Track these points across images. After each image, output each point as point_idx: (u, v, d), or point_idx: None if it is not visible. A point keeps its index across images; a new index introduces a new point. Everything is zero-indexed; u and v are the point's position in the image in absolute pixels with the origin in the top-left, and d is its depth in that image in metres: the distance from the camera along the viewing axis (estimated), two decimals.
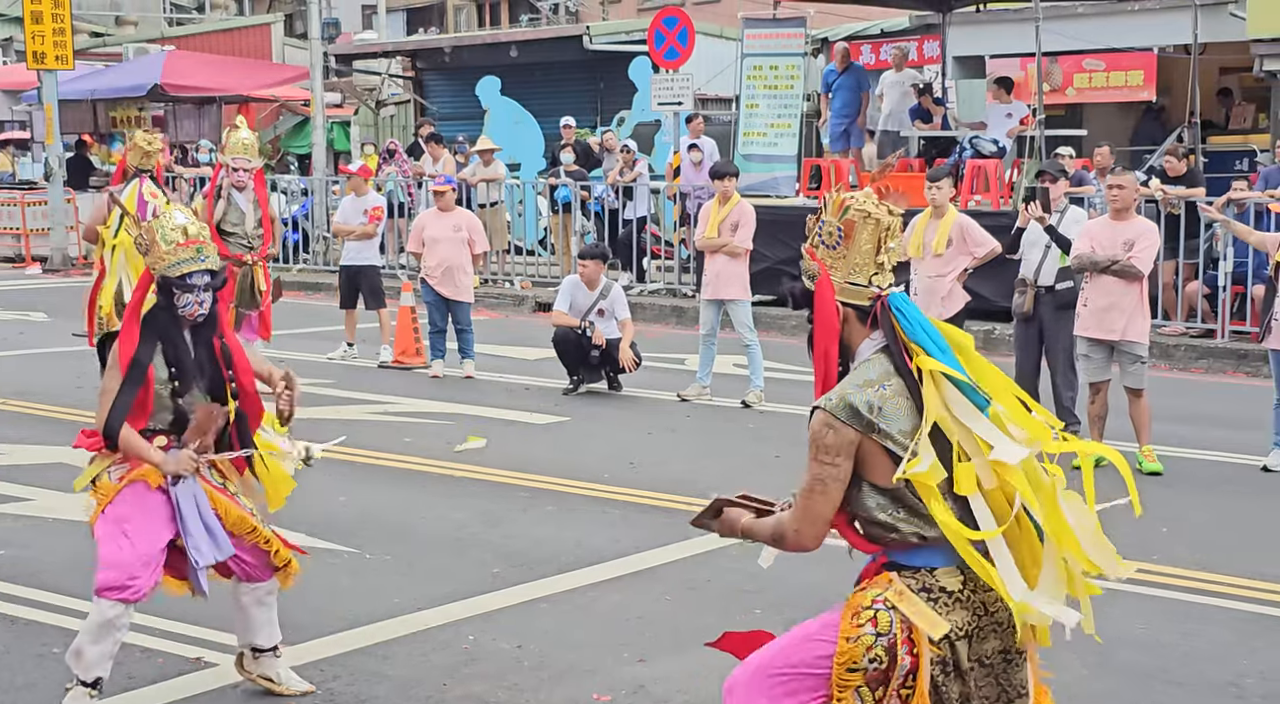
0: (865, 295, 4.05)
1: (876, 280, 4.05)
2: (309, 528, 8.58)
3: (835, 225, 4.05)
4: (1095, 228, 10.68)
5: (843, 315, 4.05)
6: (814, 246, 4.10)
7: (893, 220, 4.07)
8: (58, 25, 22.86)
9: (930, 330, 4.02)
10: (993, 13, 21.25)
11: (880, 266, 4.06)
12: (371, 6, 44.40)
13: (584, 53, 26.69)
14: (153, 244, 5.61)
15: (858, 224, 4.03)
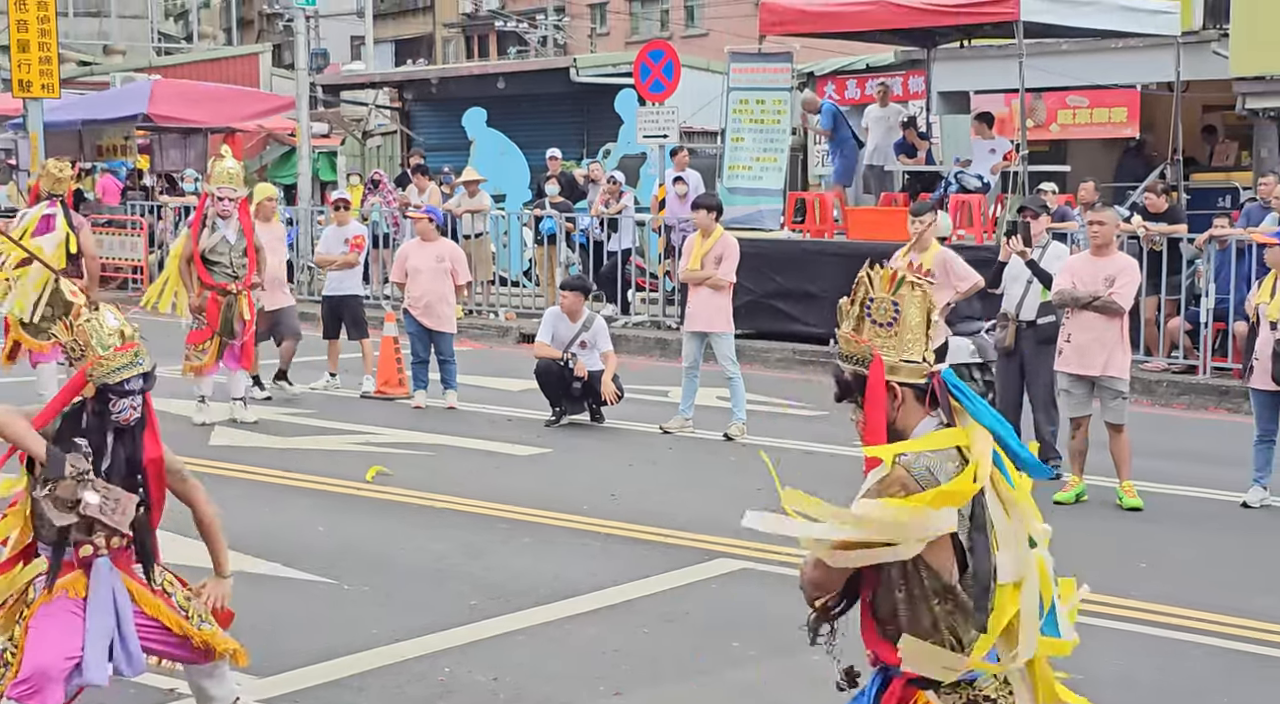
0: (921, 372, 3.81)
1: (927, 356, 3.83)
2: (286, 558, 8.57)
3: (889, 301, 3.80)
4: (1076, 263, 10.72)
5: (900, 397, 3.82)
6: (856, 329, 3.85)
7: (931, 291, 3.88)
8: (44, 54, 22.85)
9: (985, 405, 3.79)
10: (977, 49, 21.35)
11: (930, 341, 3.84)
12: (360, 37, 44.48)
13: (571, 85, 26.77)
14: (88, 348, 5.32)
15: (907, 297, 3.80)
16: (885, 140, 19.78)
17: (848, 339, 3.87)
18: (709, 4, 53.41)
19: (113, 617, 5.41)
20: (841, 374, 3.89)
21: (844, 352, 3.89)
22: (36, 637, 5.27)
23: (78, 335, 5.35)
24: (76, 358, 5.36)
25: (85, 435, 5.37)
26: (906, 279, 3.82)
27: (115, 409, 5.35)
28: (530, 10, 59.62)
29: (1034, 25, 16.91)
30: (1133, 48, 20.12)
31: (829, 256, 17.43)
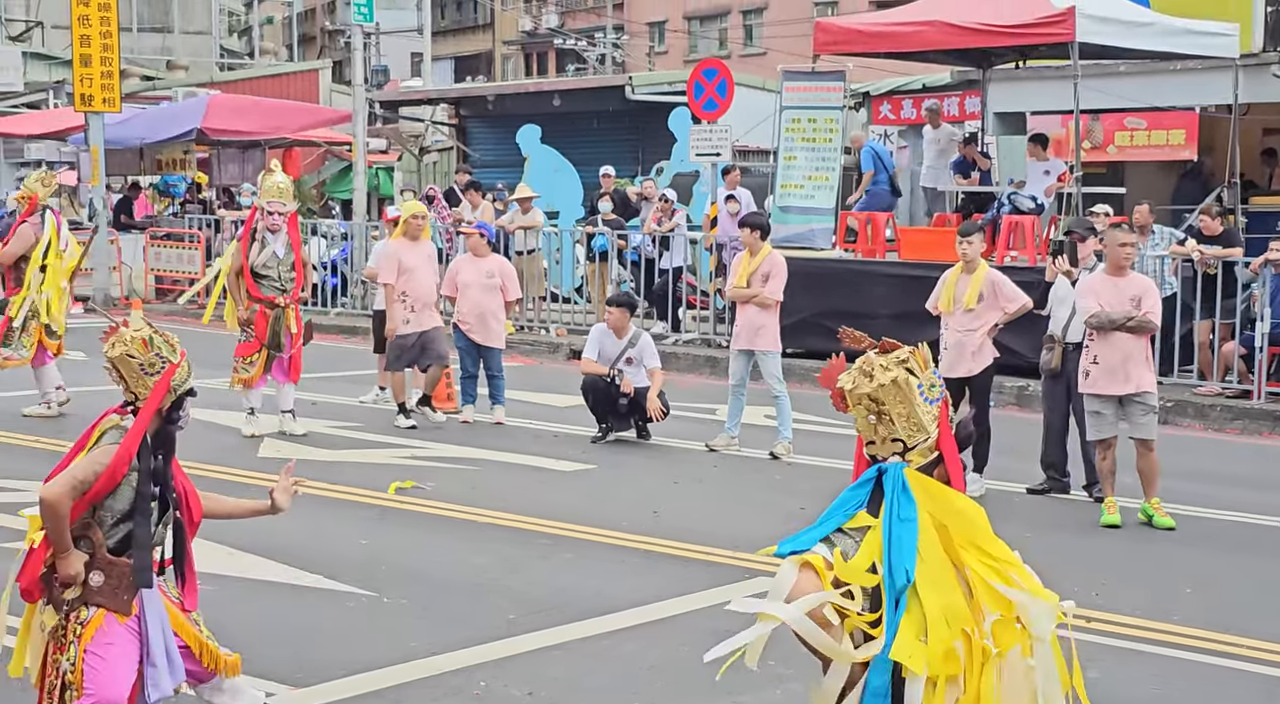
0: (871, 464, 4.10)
1: (869, 449, 4.08)
2: (327, 570, 8.61)
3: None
4: (1098, 285, 10.70)
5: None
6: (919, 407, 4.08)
7: (869, 390, 4.02)
8: (106, 68, 23.14)
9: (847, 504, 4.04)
10: (1033, 69, 21.25)
11: (870, 439, 4.07)
12: (420, 54, 44.77)
13: (625, 103, 26.84)
14: (169, 359, 5.46)
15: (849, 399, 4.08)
16: (938, 162, 19.71)
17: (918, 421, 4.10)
18: (767, 23, 53.47)
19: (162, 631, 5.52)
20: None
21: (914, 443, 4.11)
22: (101, 665, 5.33)
23: (158, 348, 5.46)
24: (155, 372, 5.44)
25: (160, 447, 5.46)
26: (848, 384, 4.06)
27: (179, 417, 5.52)
28: (589, 29, 59.92)
29: (1090, 46, 16.80)
30: (1191, 69, 19.96)
31: (879, 276, 17.38)
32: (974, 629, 3.85)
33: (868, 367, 4.02)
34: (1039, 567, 4.21)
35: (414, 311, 13.66)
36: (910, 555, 3.83)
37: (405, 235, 13.86)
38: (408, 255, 13.72)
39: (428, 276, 13.96)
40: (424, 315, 13.81)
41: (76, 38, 23.22)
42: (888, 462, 3.99)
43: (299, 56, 63.83)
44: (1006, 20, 16.64)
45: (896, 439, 4.00)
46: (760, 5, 55.09)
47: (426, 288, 13.88)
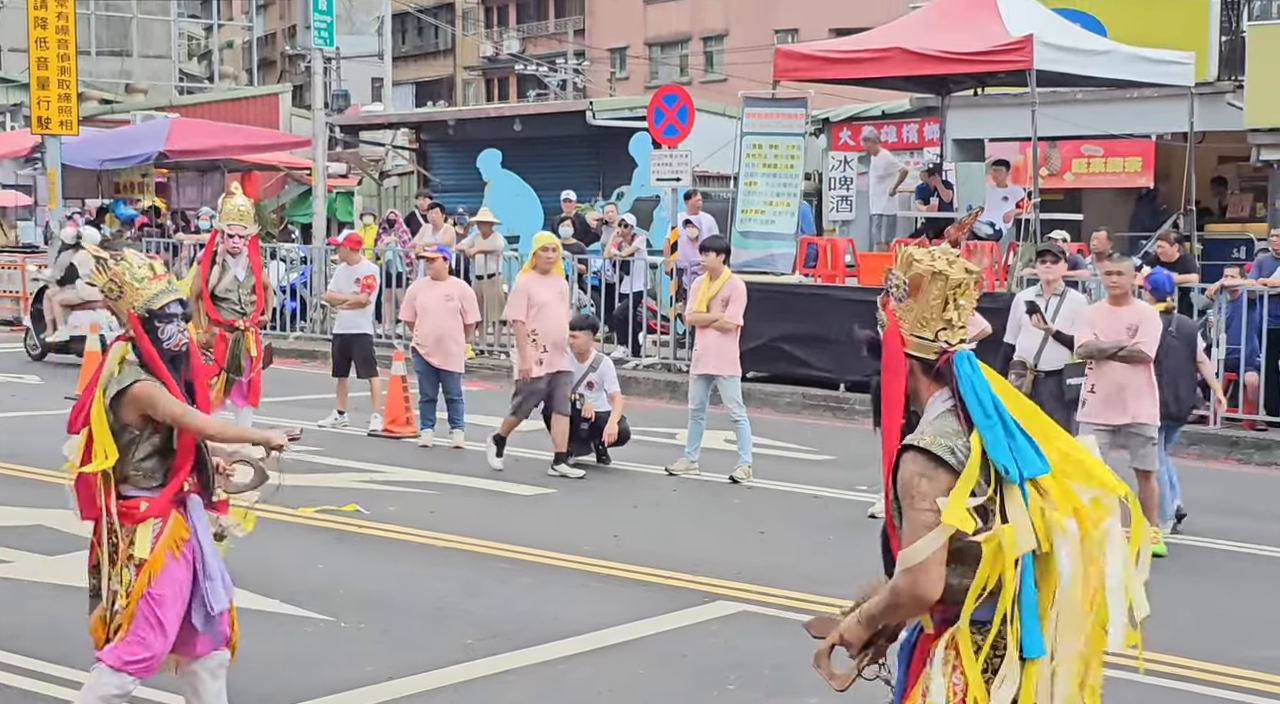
0: (931, 350, 4.04)
1: (944, 336, 4.04)
2: (284, 594, 8.55)
3: (901, 279, 4.07)
4: (1096, 315, 10.73)
5: (909, 367, 4.06)
6: (887, 297, 4.13)
7: (965, 277, 4.06)
8: (63, 91, 23.02)
9: (982, 393, 3.98)
10: (991, 97, 21.40)
11: (949, 323, 4.04)
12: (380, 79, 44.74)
13: (586, 128, 26.88)
14: (125, 285, 5.64)
15: (926, 279, 4.03)
16: (878, 187, 19.93)
17: (879, 304, 4.16)
18: (728, 50, 53.69)
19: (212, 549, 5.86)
20: (871, 337, 4.17)
21: (877, 316, 4.17)
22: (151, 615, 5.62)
23: (114, 277, 5.63)
24: (116, 297, 5.65)
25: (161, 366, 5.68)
26: (924, 264, 4.04)
27: (165, 336, 5.67)
28: (550, 54, 60.00)
29: (1047, 74, 16.93)
30: (1147, 98, 20.15)
31: (839, 301, 17.43)
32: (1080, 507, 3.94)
33: (952, 255, 4.07)
34: None
35: (545, 352, 12.68)
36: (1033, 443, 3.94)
37: (535, 268, 12.89)
38: (539, 290, 12.72)
39: (560, 314, 12.94)
40: (556, 356, 12.79)
41: (34, 60, 23.11)
42: (959, 349, 4.03)
43: (259, 80, 63.68)
44: (965, 48, 16.76)
45: (964, 326, 4.08)
46: (721, 32, 55.33)
47: (559, 326, 12.83)
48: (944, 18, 17.61)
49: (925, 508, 3.87)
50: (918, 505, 3.89)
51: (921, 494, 3.89)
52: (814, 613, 8.42)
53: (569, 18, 64.55)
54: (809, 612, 8.41)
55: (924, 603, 3.93)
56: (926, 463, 3.90)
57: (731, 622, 8.37)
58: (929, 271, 4.03)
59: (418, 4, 65.31)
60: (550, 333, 12.70)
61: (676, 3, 57.23)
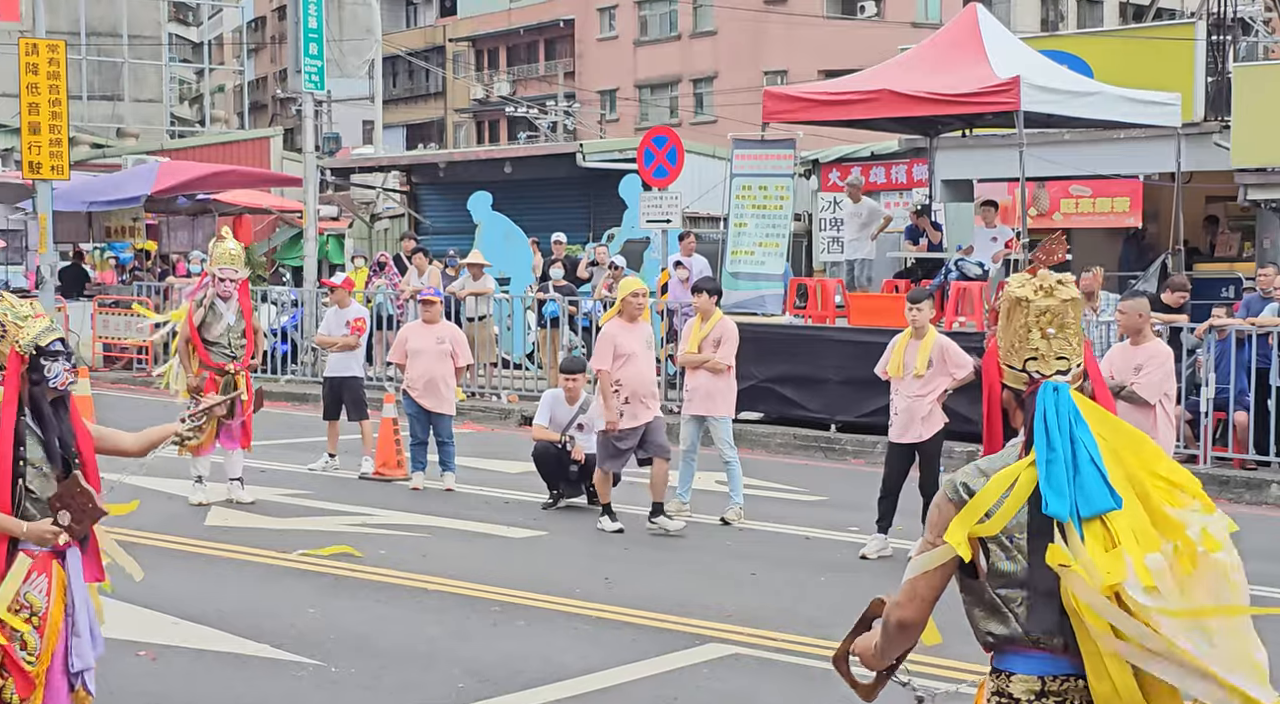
0: (1019, 380, 3.90)
1: (1032, 366, 3.88)
2: (274, 639, 8.53)
3: (999, 306, 3.97)
4: (1114, 353, 10.84)
5: (1005, 397, 3.95)
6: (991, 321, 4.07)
7: (1052, 303, 3.86)
8: (55, 136, 23.06)
9: (1051, 426, 3.79)
10: (980, 138, 21.51)
11: (1037, 352, 3.88)
12: (371, 122, 44.89)
13: (576, 170, 26.96)
14: (7, 325, 5.50)
15: (1011, 308, 3.90)
16: (860, 234, 19.98)
17: (988, 324, 4.05)
18: (717, 92, 53.93)
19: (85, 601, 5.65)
20: (978, 361, 4.12)
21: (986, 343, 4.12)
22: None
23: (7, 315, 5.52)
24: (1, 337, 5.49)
25: (35, 413, 5.51)
26: (1011, 292, 3.92)
27: (50, 375, 5.49)
28: (540, 97, 60.20)
29: (1035, 115, 17.03)
30: (1135, 138, 20.27)
31: (830, 342, 17.47)
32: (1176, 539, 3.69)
33: (1046, 282, 3.89)
34: None
35: (628, 403, 11.98)
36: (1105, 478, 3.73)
37: (622, 316, 12.14)
38: (626, 340, 11.99)
39: (647, 364, 12.25)
40: (642, 408, 12.08)
41: (25, 105, 23.14)
42: (1050, 380, 3.86)
43: (250, 124, 63.89)
44: (953, 89, 16.85)
45: (1063, 357, 3.88)
46: (710, 74, 55.58)
47: (645, 377, 12.18)
48: (931, 60, 17.71)
49: (929, 538, 3.87)
50: (926, 535, 3.89)
51: (929, 525, 3.90)
52: (806, 655, 8.45)
53: (559, 60, 64.81)
54: (801, 654, 8.42)
55: (902, 627, 3.93)
56: (942, 495, 3.88)
57: (723, 664, 8.35)
58: (1011, 300, 3.90)
59: (408, 47, 65.59)
60: (637, 384, 12.02)
61: (666, 45, 57.53)
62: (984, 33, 17.45)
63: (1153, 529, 3.71)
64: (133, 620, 8.73)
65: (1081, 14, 55.32)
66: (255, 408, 13.01)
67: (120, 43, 48.98)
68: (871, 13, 53.50)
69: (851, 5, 54.03)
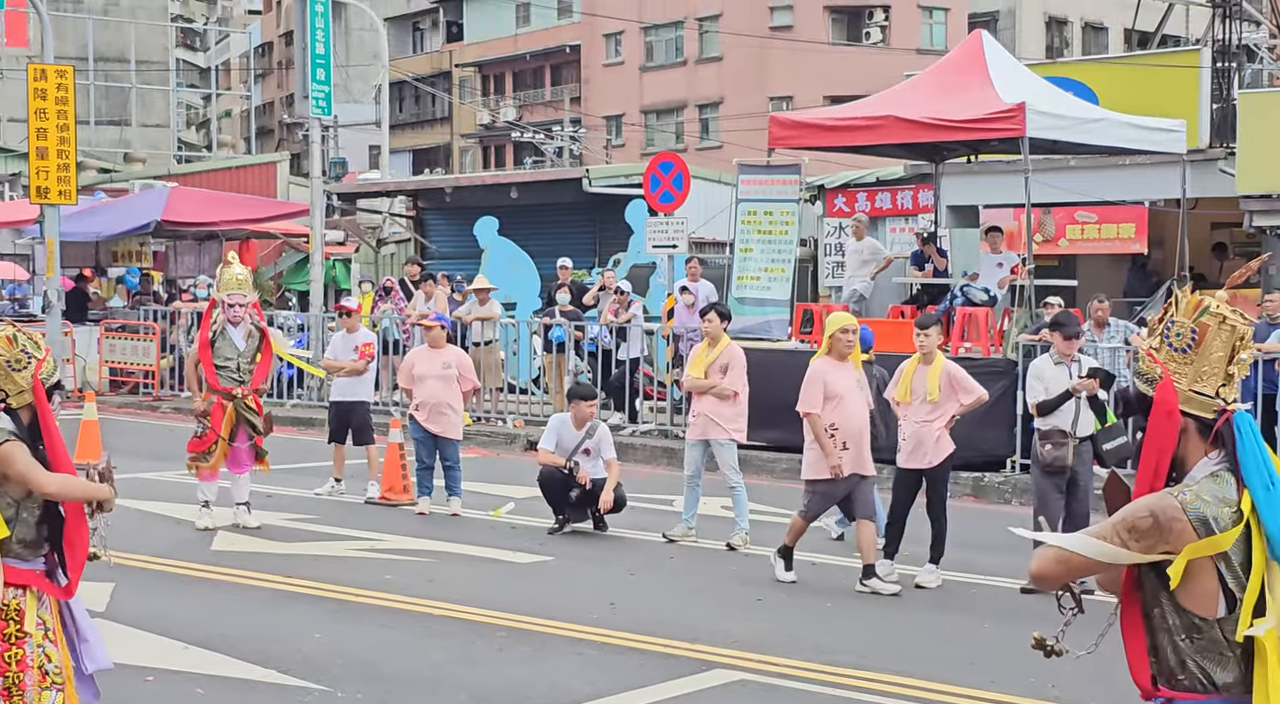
0: (1211, 407, 3.73)
1: (1224, 393, 3.74)
2: (280, 664, 8.52)
3: (1189, 327, 3.76)
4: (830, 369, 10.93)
5: (1182, 425, 3.73)
6: (1157, 349, 3.82)
7: (1248, 330, 3.77)
8: (62, 161, 23.14)
9: (1265, 459, 3.65)
10: (985, 164, 21.54)
11: (1229, 378, 3.75)
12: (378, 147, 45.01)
13: (582, 195, 27.02)
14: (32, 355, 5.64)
15: (1212, 329, 3.74)
16: (860, 272, 20.03)
17: (1145, 356, 3.86)
18: (723, 117, 54.02)
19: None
20: (1128, 391, 3.89)
21: (1139, 368, 3.88)
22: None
23: (23, 345, 5.64)
24: (21, 368, 5.61)
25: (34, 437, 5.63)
26: (1213, 310, 3.77)
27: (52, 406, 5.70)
28: (546, 122, 60.35)
29: (1040, 141, 17.05)
30: (1140, 165, 20.29)
31: None
32: None
33: (1233, 306, 3.80)
34: (997, 655, 4.22)
35: (846, 449, 11.08)
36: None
37: (831, 353, 11.32)
38: (836, 378, 11.17)
39: (860, 407, 11.28)
40: (856, 454, 11.16)
41: (33, 131, 23.24)
42: (1237, 409, 3.73)
43: (256, 149, 64.04)
44: (958, 116, 16.87)
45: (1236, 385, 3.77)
46: (716, 99, 55.69)
47: (859, 419, 11.22)
48: (937, 86, 17.74)
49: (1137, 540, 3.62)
50: (1117, 525, 3.66)
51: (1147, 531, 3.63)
52: (812, 681, 8.43)
53: (565, 85, 64.97)
54: (807, 680, 8.41)
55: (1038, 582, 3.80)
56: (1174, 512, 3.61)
57: (729, 690, 8.34)
58: (1216, 320, 3.75)
59: (415, 73, 65.78)
60: (850, 427, 11.11)
61: (671, 71, 57.65)
62: (989, 59, 17.49)
63: None
64: (138, 645, 8.73)
65: (1086, 41, 55.45)
66: (265, 432, 13.14)
67: (128, 68, 49.21)
68: (876, 39, 53.62)
69: (856, 31, 54.17)
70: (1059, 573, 3.74)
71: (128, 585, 10.04)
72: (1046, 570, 3.75)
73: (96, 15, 50.34)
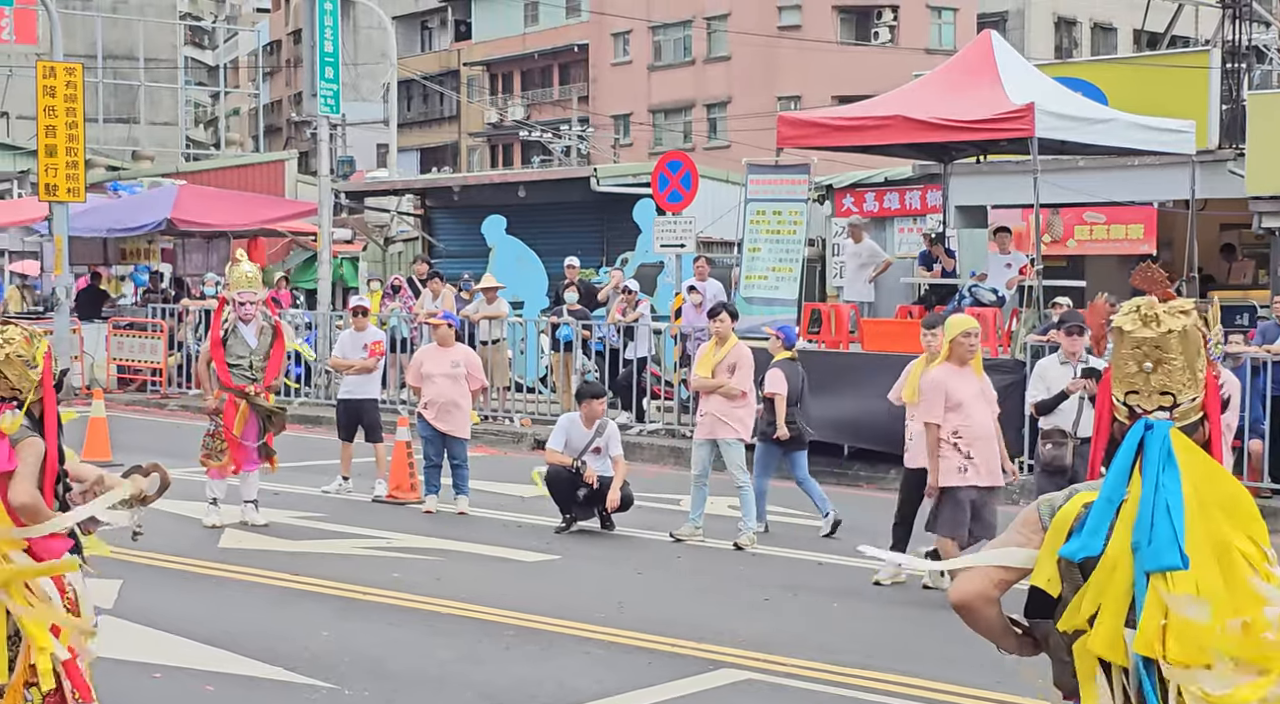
0: (1122, 413, 3.77)
1: (1132, 400, 3.74)
2: (288, 662, 8.52)
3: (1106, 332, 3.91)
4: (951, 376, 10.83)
5: (1113, 428, 3.80)
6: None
7: (1150, 335, 3.72)
8: (71, 158, 23.17)
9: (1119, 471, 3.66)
10: (994, 164, 21.52)
11: (1135, 385, 3.73)
12: (385, 145, 45.03)
13: (590, 194, 27.03)
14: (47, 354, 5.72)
15: (1114, 336, 3.79)
16: (858, 275, 20.02)
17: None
18: (731, 117, 54.01)
19: None
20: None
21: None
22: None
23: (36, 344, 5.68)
24: (36, 365, 5.65)
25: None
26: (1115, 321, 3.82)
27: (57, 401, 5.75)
28: (555, 121, 60.36)
29: (1049, 142, 17.04)
30: (1149, 165, 20.27)
31: (844, 367, 17.45)
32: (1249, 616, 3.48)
33: (1150, 311, 3.75)
34: (1003, 655, 4.21)
35: (971, 459, 10.49)
36: (1178, 534, 3.51)
37: (952, 359, 10.66)
38: (957, 385, 10.53)
39: (984, 413, 10.65)
40: (982, 465, 10.57)
41: (42, 128, 23.27)
42: (1152, 416, 3.70)
43: (265, 147, 64.13)
44: (967, 116, 16.87)
45: (1167, 392, 3.71)
46: (724, 99, 55.68)
47: (987, 429, 10.61)
48: (946, 86, 17.74)
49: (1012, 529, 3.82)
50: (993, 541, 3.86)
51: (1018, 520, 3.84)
52: (819, 681, 8.43)
53: (573, 84, 65.00)
54: (814, 680, 8.41)
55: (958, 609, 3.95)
56: (1030, 511, 3.80)
57: (735, 690, 8.34)
58: (1115, 330, 3.81)
59: (423, 71, 65.82)
60: (975, 436, 10.51)
61: (680, 70, 57.65)
62: (998, 59, 17.48)
63: (1226, 597, 3.49)
64: (146, 642, 8.75)
65: (1095, 41, 55.39)
66: (277, 430, 13.16)
67: (137, 66, 49.27)
68: (885, 39, 53.60)
69: (865, 31, 54.14)
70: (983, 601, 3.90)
71: (135, 582, 10.05)
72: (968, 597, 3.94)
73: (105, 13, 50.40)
